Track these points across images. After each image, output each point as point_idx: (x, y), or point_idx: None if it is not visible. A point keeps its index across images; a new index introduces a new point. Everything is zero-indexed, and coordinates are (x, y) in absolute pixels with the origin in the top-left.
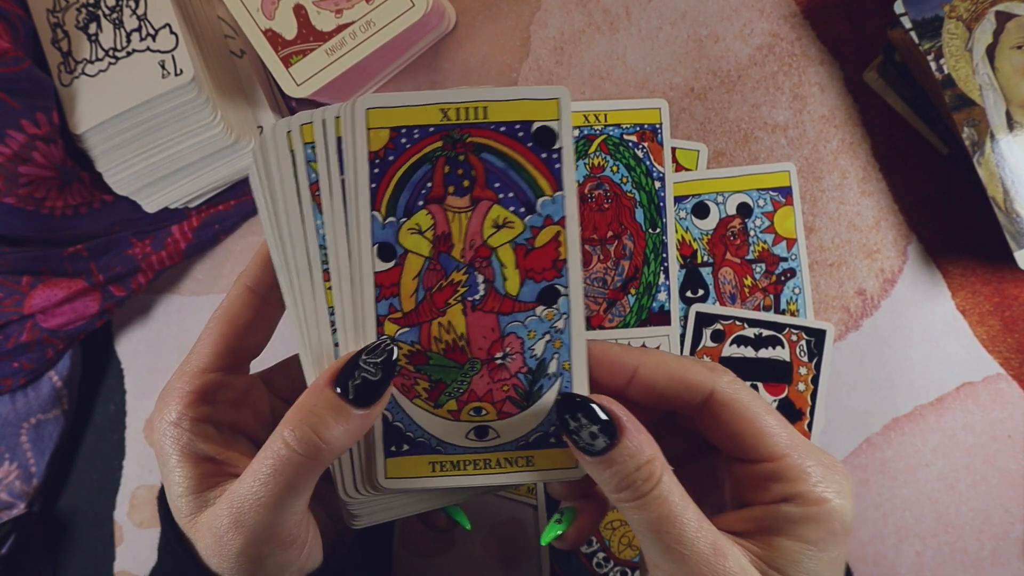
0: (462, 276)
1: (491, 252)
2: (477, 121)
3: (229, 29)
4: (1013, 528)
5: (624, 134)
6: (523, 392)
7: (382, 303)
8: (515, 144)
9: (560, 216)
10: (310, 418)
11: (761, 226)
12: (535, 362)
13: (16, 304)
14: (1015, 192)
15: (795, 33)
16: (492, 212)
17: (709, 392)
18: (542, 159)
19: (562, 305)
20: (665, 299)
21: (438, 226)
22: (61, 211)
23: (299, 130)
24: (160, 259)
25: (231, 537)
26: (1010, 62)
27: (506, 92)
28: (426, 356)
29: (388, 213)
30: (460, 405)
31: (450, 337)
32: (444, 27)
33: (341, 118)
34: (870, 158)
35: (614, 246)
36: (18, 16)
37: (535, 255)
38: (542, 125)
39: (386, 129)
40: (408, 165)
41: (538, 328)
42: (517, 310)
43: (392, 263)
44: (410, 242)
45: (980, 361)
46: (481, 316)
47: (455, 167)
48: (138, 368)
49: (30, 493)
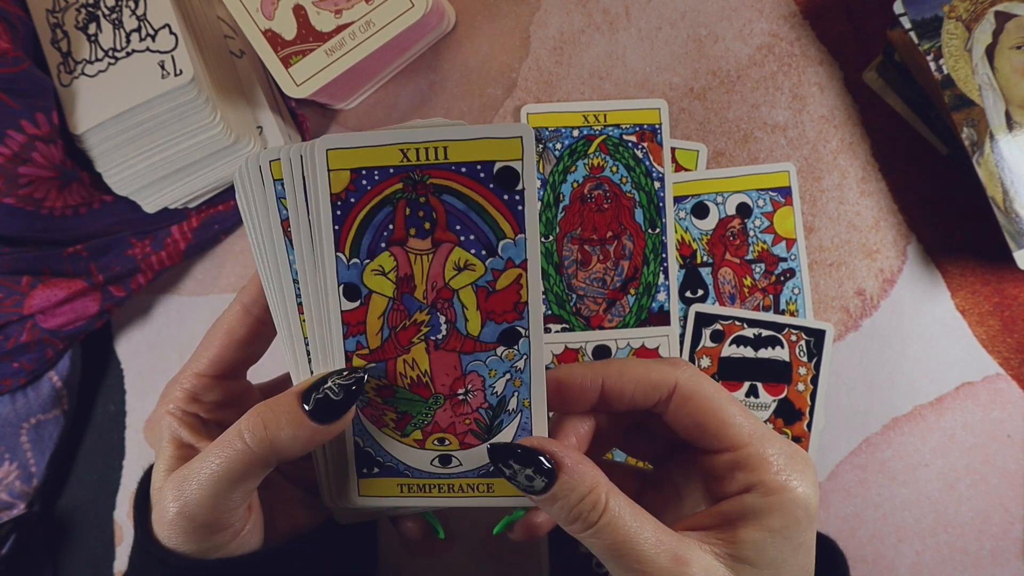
0: (425, 316)
1: (453, 294)
2: (437, 162)
3: (229, 29)
4: (1013, 528)
5: (624, 134)
6: (484, 426)
7: (350, 339)
8: (476, 185)
9: (522, 259)
10: (267, 417)
11: (761, 226)
12: (496, 399)
13: (16, 304)
14: (1014, 192)
15: (795, 33)
16: (453, 254)
17: (673, 386)
18: (504, 201)
19: (522, 346)
20: (665, 299)
21: (400, 268)
22: (61, 211)
23: (269, 166)
24: (160, 259)
25: (169, 504)
26: (1009, 62)
27: (466, 131)
28: (393, 390)
29: (352, 254)
30: (425, 435)
31: (414, 373)
32: (444, 27)
33: (304, 158)
34: (870, 158)
35: (614, 246)
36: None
37: (496, 298)
38: (504, 165)
39: (347, 171)
40: (370, 207)
41: (499, 367)
42: (479, 350)
43: (357, 303)
44: (374, 283)
45: (980, 361)
46: (444, 355)
47: (416, 209)
48: (138, 368)
49: (30, 493)
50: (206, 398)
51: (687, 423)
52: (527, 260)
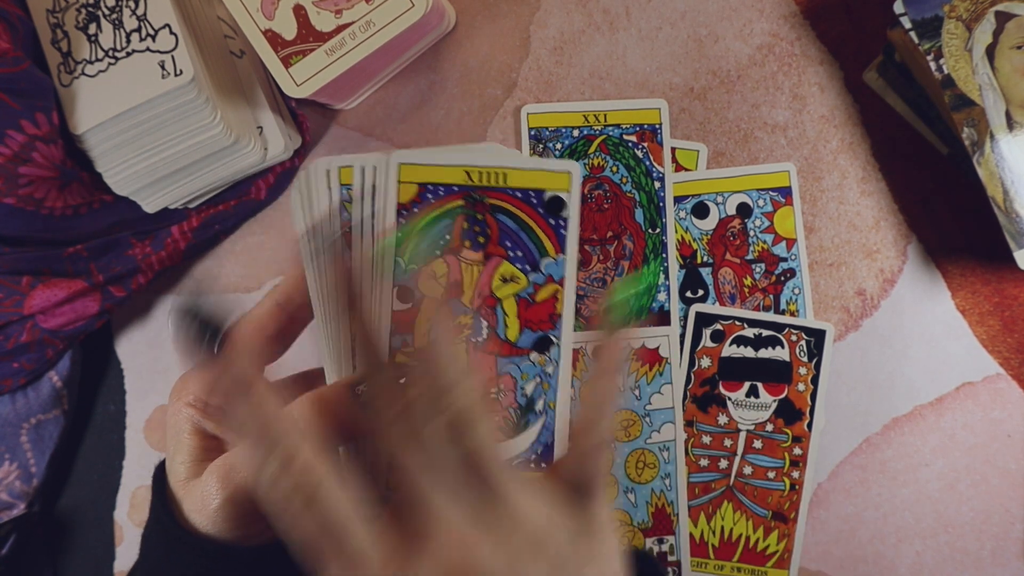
0: (468, 319)
1: (496, 302)
2: (496, 185)
3: (229, 29)
4: (1013, 528)
5: (624, 134)
6: (511, 424)
7: (396, 337)
8: (528, 209)
9: (560, 276)
10: (317, 405)
11: (761, 226)
12: (524, 400)
13: (16, 304)
14: (1015, 192)
15: (795, 33)
16: (501, 267)
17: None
18: (550, 225)
19: (553, 353)
20: (665, 299)
21: (452, 274)
22: (61, 211)
23: (337, 171)
24: (160, 259)
25: (215, 492)
26: (1010, 62)
27: (524, 161)
28: None
29: (410, 260)
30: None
31: None
32: (444, 27)
33: (377, 168)
34: (870, 158)
35: (614, 246)
36: (18, 16)
37: (535, 308)
38: (554, 195)
39: (415, 184)
40: (431, 217)
41: (530, 371)
42: (514, 354)
43: (409, 304)
44: (427, 287)
45: (980, 361)
46: (482, 356)
47: (473, 224)
48: (138, 368)
49: (30, 493)
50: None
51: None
52: (565, 278)
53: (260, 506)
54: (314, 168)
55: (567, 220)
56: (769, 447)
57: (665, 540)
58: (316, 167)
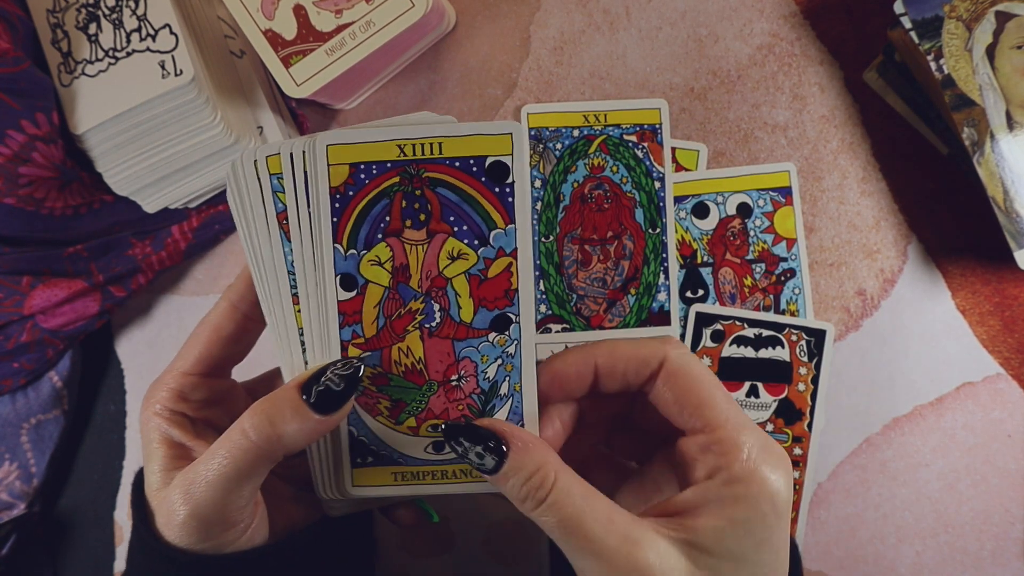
0: (419, 305)
1: (446, 282)
2: (433, 157)
3: (229, 29)
4: (1013, 528)
5: (624, 134)
6: (476, 411)
7: (345, 329)
8: (469, 179)
9: (512, 248)
10: (270, 412)
11: (761, 226)
12: (488, 384)
13: (16, 304)
14: (1015, 192)
15: (795, 33)
16: (447, 244)
17: (662, 360)
18: (495, 193)
19: (513, 332)
20: (665, 299)
21: (396, 258)
22: (61, 211)
23: (265, 161)
24: (160, 259)
25: (179, 507)
26: (1010, 62)
27: (460, 128)
28: (387, 378)
29: (349, 245)
30: (419, 422)
31: (409, 361)
32: (444, 27)
33: (305, 153)
34: (870, 158)
35: (614, 246)
36: (18, 16)
37: (488, 285)
38: (495, 160)
39: (346, 165)
40: (367, 200)
41: (490, 353)
42: (471, 336)
43: (354, 292)
44: (370, 273)
45: (980, 361)
46: (437, 342)
47: (412, 201)
48: (138, 368)
49: (30, 493)
50: (193, 396)
51: (669, 399)
52: (517, 249)
53: (225, 516)
54: (240, 161)
55: (513, 186)
56: None
57: None
58: (242, 159)
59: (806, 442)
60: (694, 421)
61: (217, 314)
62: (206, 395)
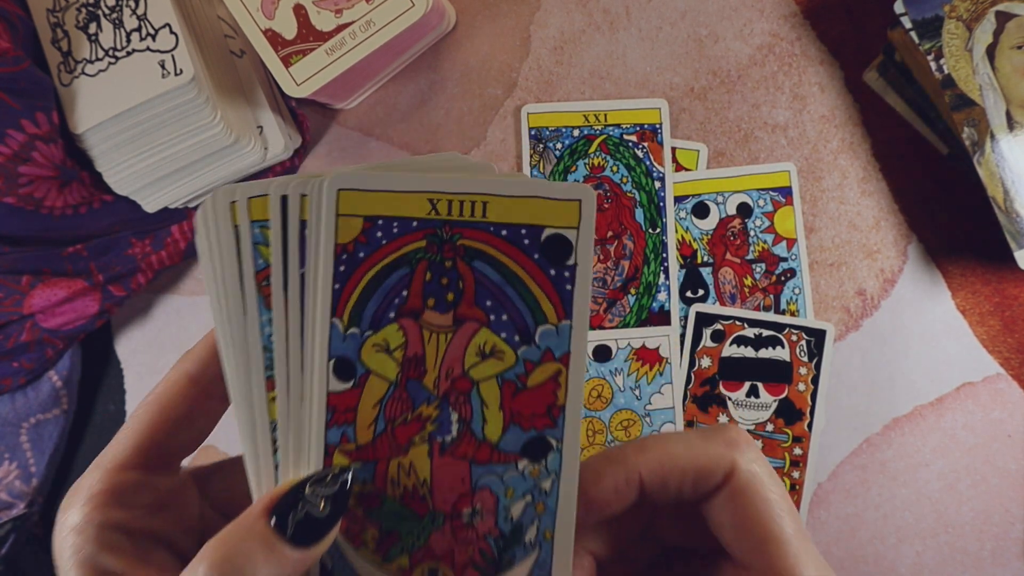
0: (432, 411)
1: (472, 386)
2: (474, 220)
3: (229, 29)
4: (1013, 528)
5: (624, 134)
6: (490, 559)
7: (333, 430)
8: (518, 254)
9: (563, 352)
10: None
11: (761, 226)
12: (509, 526)
13: (16, 304)
14: (1015, 192)
15: (795, 33)
16: (478, 336)
17: (728, 471)
18: (550, 277)
19: (552, 462)
20: (665, 299)
21: (410, 346)
22: (61, 211)
23: (247, 203)
24: (160, 259)
25: None
26: (1010, 62)
27: (515, 185)
28: (380, 499)
29: (351, 323)
30: (413, 563)
31: (411, 482)
32: (444, 27)
33: (309, 197)
34: (870, 158)
35: (614, 246)
36: (18, 16)
37: (525, 396)
38: (555, 233)
39: (359, 217)
40: (382, 266)
41: (518, 486)
42: (495, 460)
43: (350, 384)
44: (374, 361)
45: (980, 361)
46: (450, 462)
47: (439, 274)
48: (138, 368)
49: (30, 493)
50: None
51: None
52: (570, 354)
53: None
54: (212, 201)
55: (574, 270)
56: (769, 447)
57: None
58: (215, 198)
59: (806, 442)
60: (754, 556)
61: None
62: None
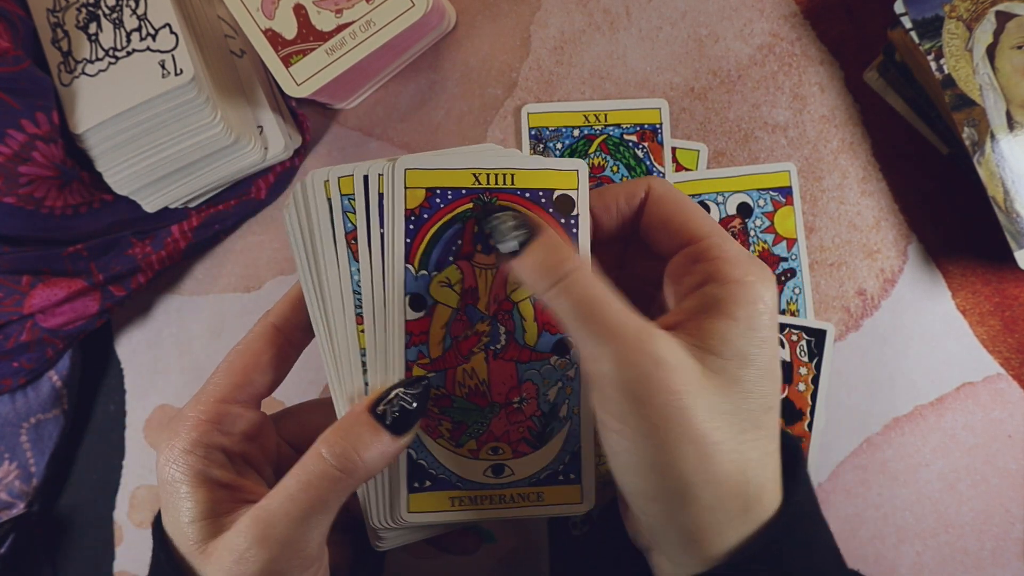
0: (486, 327)
1: (513, 306)
2: (505, 187)
3: (229, 29)
4: (1013, 528)
5: (624, 134)
6: (536, 433)
7: (411, 349)
8: (537, 209)
9: None
10: (349, 437)
11: (761, 226)
12: (548, 406)
13: (16, 304)
14: (1015, 192)
15: (795, 33)
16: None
17: (647, 190)
18: (561, 223)
19: (574, 356)
20: None
21: (466, 280)
22: (61, 211)
23: (336, 181)
24: (160, 259)
25: (255, 553)
26: (1010, 62)
27: (530, 161)
28: (450, 399)
29: (421, 266)
30: (479, 445)
31: (473, 382)
32: (444, 27)
33: (383, 176)
34: (870, 158)
35: None
36: (18, 16)
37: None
38: (562, 193)
39: (422, 189)
40: (441, 223)
41: (552, 376)
42: (534, 359)
43: (422, 313)
44: (440, 294)
45: (980, 361)
46: (502, 364)
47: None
48: (138, 368)
49: (30, 493)
50: (234, 428)
51: (656, 223)
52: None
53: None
54: (311, 179)
55: (577, 218)
56: None
57: None
58: (314, 177)
59: (806, 442)
60: (679, 237)
61: (256, 337)
62: (245, 427)
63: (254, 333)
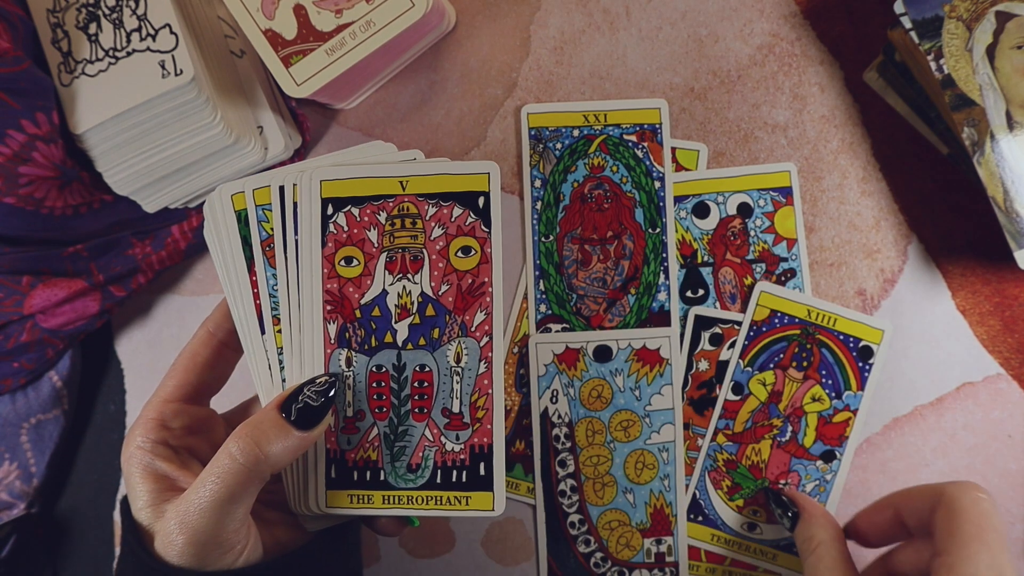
0: (779, 422)
1: (803, 415)
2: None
3: (229, 29)
4: (1013, 528)
5: (624, 134)
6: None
7: (722, 420)
8: (846, 351)
9: (855, 408)
10: (255, 433)
11: (761, 226)
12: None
13: (16, 304)
14: (1015, 192)
15: (795, 33)
16: (813, 389)
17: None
18: (859, 367)
19: (834, 465)
20: (665, 299)
21: (777, 384)
22: (61, 211)
23: (251, 193)
24: (160, 259)
25: (175, 537)
26: (1010, 62)
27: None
28: (736, 464)
29: (748, 363)
30: (745, 504)
31: (756, 459)
32: (444, 27)
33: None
34: (870, 158)
35: (614, 246)
36: (18, 16)
37: (830, 427)
38: (867, 345)
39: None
40: (774, 337)
41: (814, 474)
42: (805, 458)
43: (739, 397)
44: (755, 388)
45: (980, 361)
46: (781, 453)
47: (802, 351)
48: (138, 368)
49: (30, 493)
50: (174, 424)
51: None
52: (859, 411)
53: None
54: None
55: (872, 366)
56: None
57: (663, 541)
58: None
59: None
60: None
61: (195, 341)
62: (186, 422)
63: (195, 338)
